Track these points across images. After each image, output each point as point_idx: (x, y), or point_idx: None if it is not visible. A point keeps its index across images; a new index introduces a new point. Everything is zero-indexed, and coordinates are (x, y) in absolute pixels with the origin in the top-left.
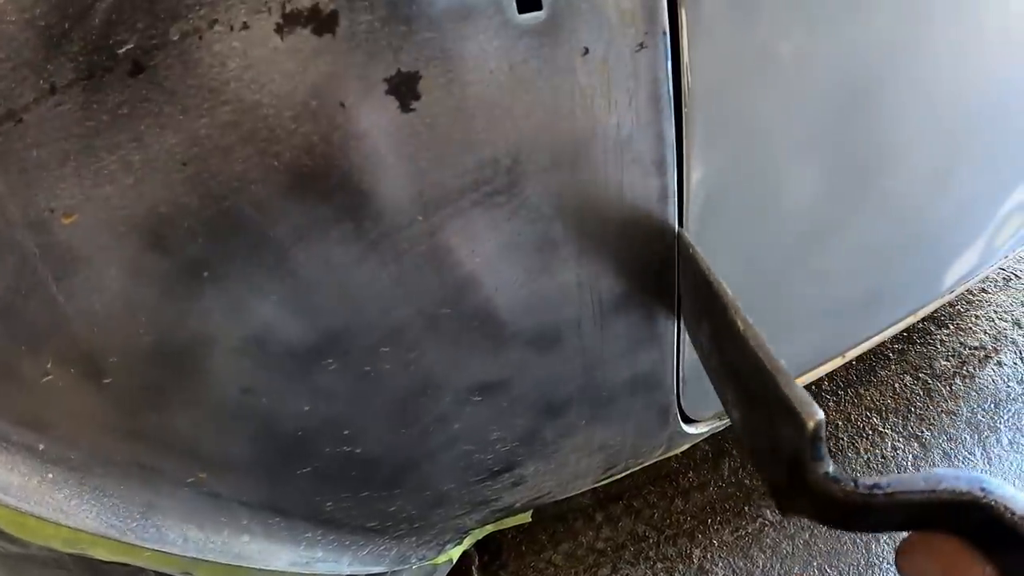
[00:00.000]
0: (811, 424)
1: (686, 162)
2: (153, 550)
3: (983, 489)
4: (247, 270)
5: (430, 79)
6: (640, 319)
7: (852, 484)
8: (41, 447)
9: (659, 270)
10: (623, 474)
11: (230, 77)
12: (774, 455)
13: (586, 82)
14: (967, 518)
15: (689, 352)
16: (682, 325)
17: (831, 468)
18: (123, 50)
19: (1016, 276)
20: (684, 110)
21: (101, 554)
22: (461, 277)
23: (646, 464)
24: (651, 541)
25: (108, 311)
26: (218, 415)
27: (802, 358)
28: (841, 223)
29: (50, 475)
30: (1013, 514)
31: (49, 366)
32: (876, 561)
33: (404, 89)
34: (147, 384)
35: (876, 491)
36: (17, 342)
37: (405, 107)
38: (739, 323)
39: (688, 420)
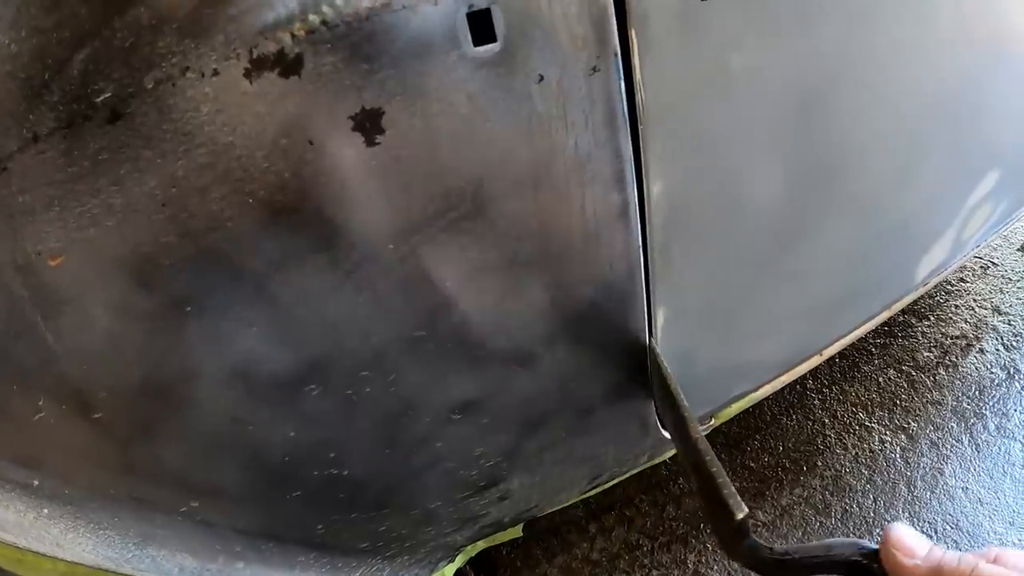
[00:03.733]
0: (739, 516)
1: (646, 176)
2: None
3: (860, 550)
4: (228, 303)
5: (393, 114)
6: (613, 331)
7: (769, 551)
8: (36, 483)
9: (627, 280)
10: (609, 483)
11: (203, 121)
12: (717, 523)
13: (543, 107)
14: (855, 570)
15: (667, 359)
16: (656, 335)
17: (752, 543)
18: (101, 99)
19: (993, 264)
20: (640, 127)
21: None
22: (434, 301)
23: (632, 472)
24: (645, 549)
25: (96, 348)
26: (207, 445)
27: (779, 357)
28: (809, 226)
29: (45, 511)
30: (875, 564)
31: (41, 403)
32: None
33: (369, 125)
34: (137, 418)
35: (786, 556)
36: (9, 382)
37: (370, 142)
38: (692, 434)
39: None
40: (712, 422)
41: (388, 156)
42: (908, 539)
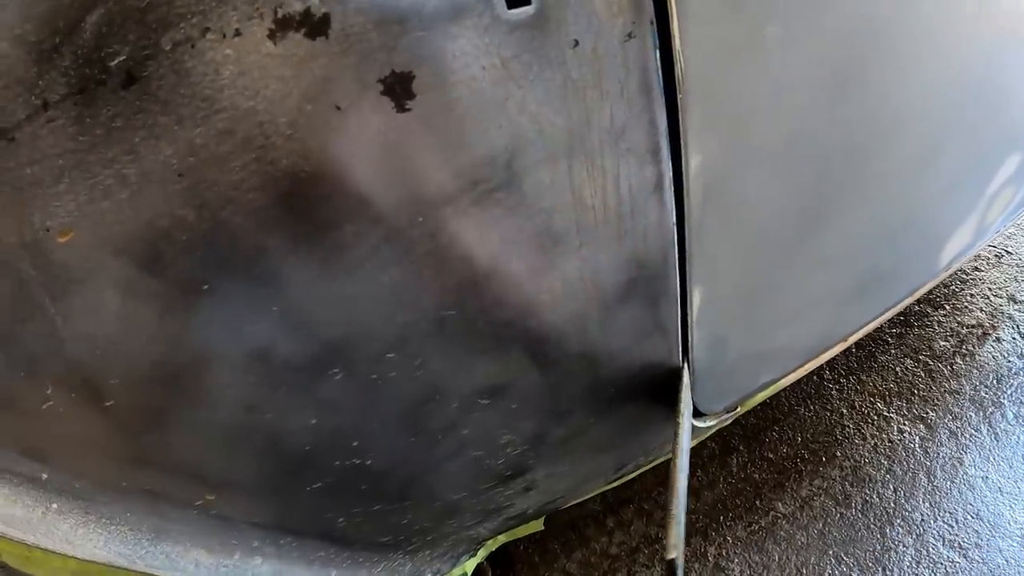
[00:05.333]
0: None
1: (683, 150)
2: None
3: None
4: (247, 282)
5: (424, 78)
6: (644, 311)
7: None
8: (44, 477)
9: (661, 258)
10: (634, 473)
11: (224, 85)
12: None
13: (577, 74)
14: None
15: (699, 346)
16: (690, 317)
17: None
18: (115, 62)
19: (1008, 252)
20: (678, 97)
21: None
22: (464, 277)
23: (657, 462)
24: (664, 543)
25: (107, 331)
26: (223, 434)
27: (807, 344)
28: (837, 205)
29: (54, 505)
30: None
31: (49, 392)
32: (892, 545)
33: (399, 89)
34: (149, 406)
35: None
36: (16, 369)
37: (400, 107)
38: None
39: (697, 414)
40: (738, 410)
41: (418, 122)
42: None
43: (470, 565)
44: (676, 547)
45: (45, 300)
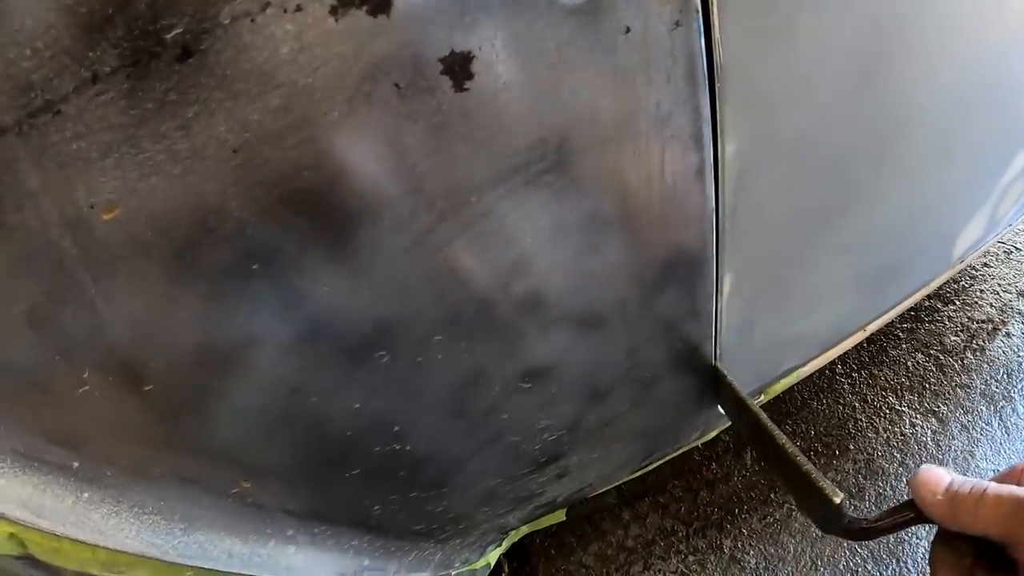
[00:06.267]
0: (837, 500)
1: (720, 136)
2: (196, 568)
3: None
4: (299, 261)
5: (483, 59)
6: (681, 296)
7: (859, 524)
8: (75, 465)
9: (701, 244)
10: (661, 461)
11: (283, 61)
12: (811, 509)
13: (627, 60)
14: (916, 520)
15: (727, 332)
16: (721, 301)
17: (847, 521)
18: (171, 35)
19: (1017, 248)
20: (717, 85)
21: None
22: (513, 259)
23: (683, 450)
24: (680, 535)
25: (150, 313)
26: (264, 419)
27: (828, 331)
28: (859, 194)
29: (85, 495)
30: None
31: (86, 376)
32: (905, 537)
33: (458, 69)
34: (189, 390)
35: (870, 525)
36: (51, 353)
37: (459, 87)
38: (781, 441)
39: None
40: (761, 397)
41: (476, 102)
42: (930, 477)
43: (494, 556)
44: (836, 493)
45: (86, 279)
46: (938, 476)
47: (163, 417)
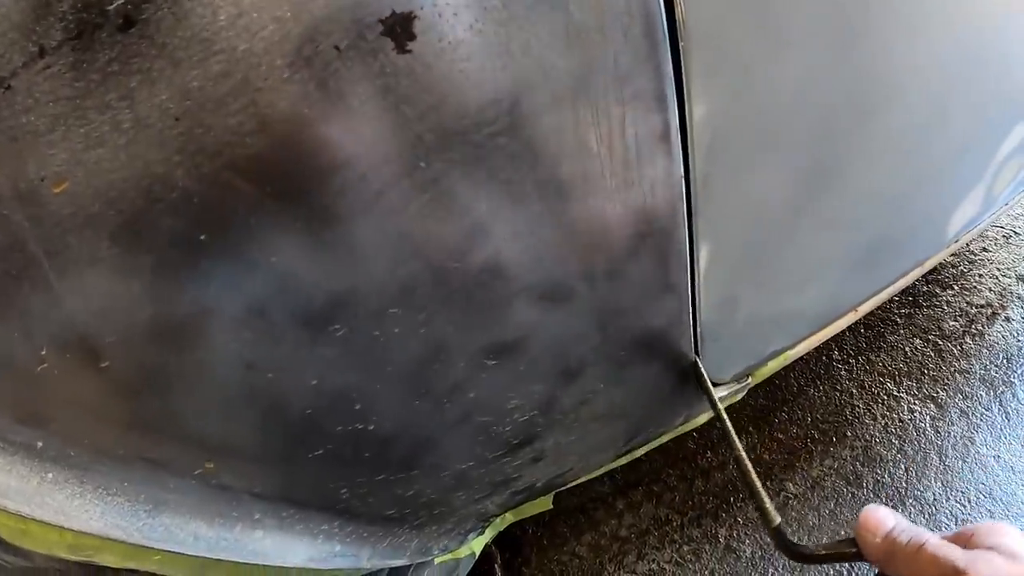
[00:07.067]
0: (773, 525)
1: (687, 98)
2: (163, 551)
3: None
4: (246, 230)
5: (425, 19)
6: (653, 266)
7: (796, 548)
8: (39, 445)
9: (670, 212)
10: (644, 447)
11: (221, 27)
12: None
13: (580, 16)
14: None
15: (707, 308)
16: (698, 278)
17: (784, 543)
18: (114, 5)
19: (1016, 233)
20: (681, 44)
21: (109, 560)
22: (468, 227)
23: (668, 435)
24: (675, 524)
25: (103, 287)
26: (222, 395)
27: (816, 310)
28: (847, 162)
29: (50, 475)
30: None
31: (44, 353)
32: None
33: (399, 30)
34: (147, 365)
35: (809, 552)
36: (9, 328)
37: (401, 48)
38: (738, 454)
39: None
40: (749, 380)
41: (419, 64)
42: (872, 518)
43: (478, 544)
44: (775, 520)
45: (39, 253)
46: (880, 519)
47: (122, 394)
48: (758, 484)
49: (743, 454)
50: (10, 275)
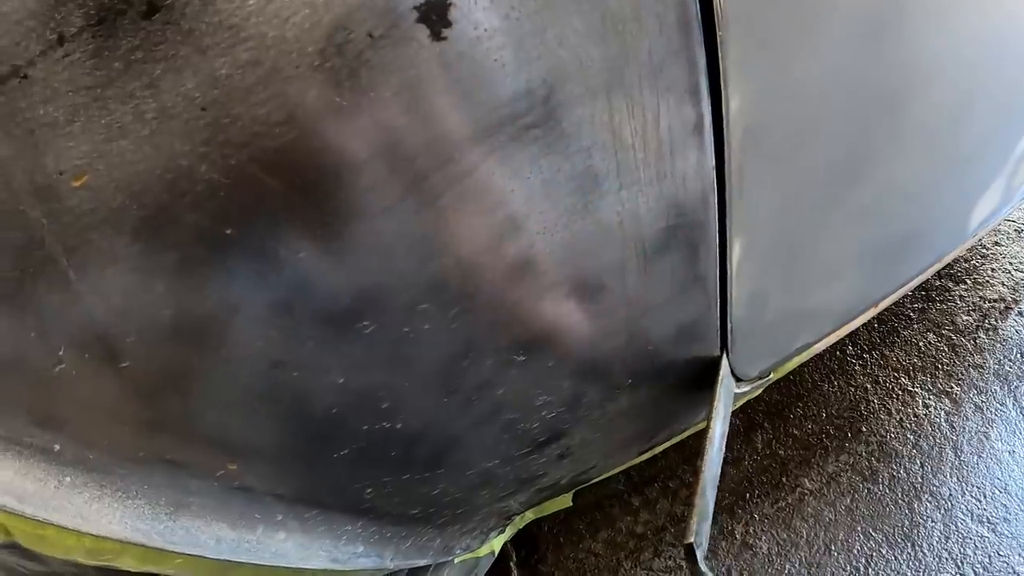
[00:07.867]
0: (684, 541)
1: (723, 91)
2: (184, 555)
3: None
4: (273, 225)
5: (461, 6)
6: (683, 260)
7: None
8: (57, 448)
9: (701, 204)
10: (664, 444)
11: (251, 11)
12: None
13: (615, 6)
14: None
15: (738, 304)
16: (730, 272)
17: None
18: None
19: None
20: (719, 34)
21: (128, 564)
22: (500, 220)
23: (689, 432)
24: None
25: (124, 284)
26: (246, 395)
27: (841, 306)
28: (876, 154)
29: (68, 478)
30: None
31: (61, 353)
32: (920, 520)
33: (435, 17)
34: (168, 364)
35: None
36: (26, 328)
37: (436, 36)
38: (699, 463)
39: (735, 378)
40: (770, 377)
41: (454, 52)
42: None
43: (498, 543)
44: (688, 535)
45: (58, 251)
46: None
47: (143, 395)
48: (698, 497)
49: (705, 464)
50: (27, 273)
